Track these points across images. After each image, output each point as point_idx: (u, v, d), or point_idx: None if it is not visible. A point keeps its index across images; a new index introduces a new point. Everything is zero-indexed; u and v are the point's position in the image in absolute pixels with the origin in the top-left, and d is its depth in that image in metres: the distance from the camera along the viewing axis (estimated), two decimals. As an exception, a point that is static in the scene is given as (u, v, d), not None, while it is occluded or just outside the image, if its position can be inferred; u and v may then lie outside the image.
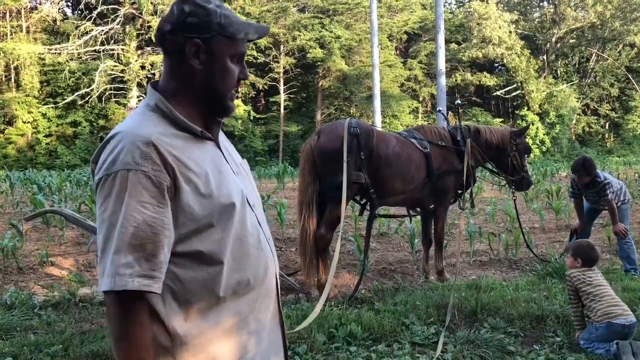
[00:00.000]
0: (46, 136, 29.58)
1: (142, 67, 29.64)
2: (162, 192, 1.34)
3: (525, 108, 36.20)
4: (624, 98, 38.95)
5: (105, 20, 29.60)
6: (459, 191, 5.93)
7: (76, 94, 28.94)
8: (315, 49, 31.82)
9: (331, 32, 32.44)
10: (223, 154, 1.57)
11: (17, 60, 28.56)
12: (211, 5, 1.47)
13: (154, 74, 29.48)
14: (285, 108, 33.90)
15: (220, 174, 1.47)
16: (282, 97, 33.25)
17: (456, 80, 36.21)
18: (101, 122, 30.17)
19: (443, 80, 17.05)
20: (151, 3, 28.82)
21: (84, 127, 29.77)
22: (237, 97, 32.10)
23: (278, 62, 32.95)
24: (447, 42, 30.98)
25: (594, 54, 38.19)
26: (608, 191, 5.97)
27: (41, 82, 29.96)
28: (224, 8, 1.50)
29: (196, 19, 1.46)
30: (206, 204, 1.40)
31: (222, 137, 1.67)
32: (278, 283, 1.65)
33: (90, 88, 28.53)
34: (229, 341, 1.45)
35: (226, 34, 1.48)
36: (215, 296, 1.42)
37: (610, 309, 3.95)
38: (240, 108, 31.78)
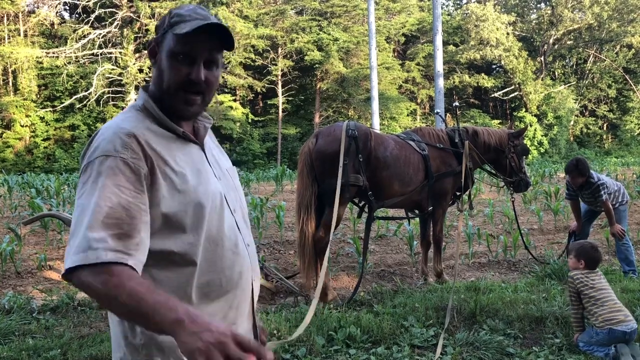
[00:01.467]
0: (44, 140, 29.57)
1: (140, 70, 29.64)
2: (139, 179, 1.35)
3: (523, 109, 36.28)
4: (621, 99, 39.09)
5: (102, 23, 29.63)
6: (458, 193, 5.93)
7: (74, 97, 28.95)
8: (313, 51, 31.85)
9: (329, 34, 32.49)
10: (207, 158, 1.58)
11: (15, 63, 28.55)
12: (176, 10, 1.52)
13: (151, 77, 29.46)
14: (283, 110, 33.91)
15: (199, 174, 1.48)
16: (280, 99, 33.26)
17: (454, 82, 36.27)
18: (99, 125, 29.90)
19: (441, 82, 17.07)
20: (149, 6, 28.86)
21: (82, 130, 29.76)
22: (236, 100, 32.14)
23: (276, 64, 32.97)
24: (445, 44, 31.04)
25: (592, 55, 38.31)
26: (602, 192, 5.96)
27: (39, 86, 29.98)
28: (187, 12, 1.50)
29: (158, 23, 1.55)
30: (181, 199, 1.41)
31: (211, 142, 1.69)
32: (254, 292, 1.62)
33: (88, 91, 28.54)
34: None
35: (172, 31, 1.47)
36: (187, 298, 1.42)
37: (612, 314, 3.91)
38: (239, 111, 31.81)
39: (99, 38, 29.23)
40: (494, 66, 39.89)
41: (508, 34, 35.18)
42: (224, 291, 1.49)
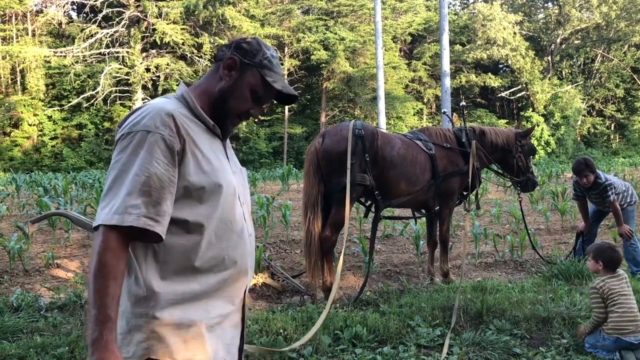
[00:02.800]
0: (52, 139, 29.72)
1: (147, 70, 29.71)
2: (172, 154, 1.56)
3: (530, 109, 36.12)
4: (629, 99, 38.86)
5: (110, 23, 29.72)
6: (464, 193, 5.92)
7: (81, 96, 29.06)
8: (319, 50, 31.85)
9: (335, 34, 32.47)
10: (227, 153, 1.80)
11: (23, 63, 28.69)
12: (268, 51, 1.79)
13: (158, 77, 29.57)
14: (289, 110, 33.93)
15: (220, 162, 1.69)
16: (287, 99, 33.22)
17: (461, 82, 36.17)
18: (106, 124, 30.27)
19: (447, 82, 17.03)
20: (156, 6, 28.92)
21: (90, 129, 29.90)
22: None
23: (282, 64, 32.98)
24: (452, 43, 30.94)
25: (599, 55, 38.11)
26: (610, 192, 5.95)
27: (47, 85, 30.12)
28: (275, 62, 1.80)
29: (249, 47, 1.78)
30: (203, 178, 1.61)
31: (228, 144, 1.89)
32: (248, 281, 1.78)
33: (96, 91, 28.64)
34: (198, 307, 1.61)
35: (261, 71, 1.75)
36: (191, 265, 1.60)
37: (623, 324, 3.85)
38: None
39: (106, 37, 29.32)
40: (500, 66, 39.76)
41: (515, 33, 35.04)
42: (225, 268, 1.66)
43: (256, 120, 1.92)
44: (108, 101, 29.25)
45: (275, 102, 1.89)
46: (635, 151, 35.67)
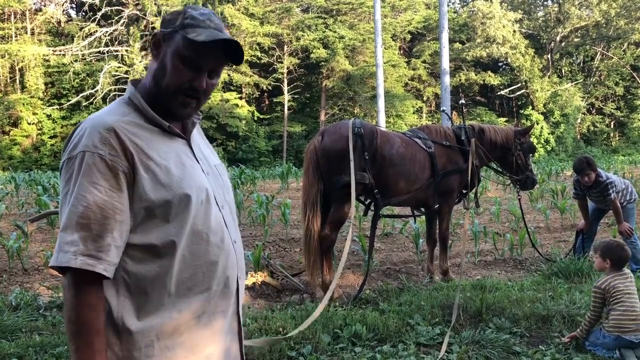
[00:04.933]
0: (51, 137, 29.70)
1: (147, 68, 29.49)
2: (116, 177, 1.35)
3: (530, 107, 36.12)
4: (629, 97, 38.85)
5: (109, 21, 29.71)
6: (464, 191, 5.91)
7: (81, 95, 29.05)
8: (319, 49, 31.83)
9: (335, 32, 32.44)
10: (194, 153, 1.57)
11: (22, 61, 28.70)
12: (193, 11, 1.51)
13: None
14: (289, 108, 33.91)
15: (183, 168, 1.48)
16: (286, 97, 33.27)
17: (460, 80, 36.16)
18: (106, 123, 30.18)
19: (447, 80, 17.02)
20: (155, 4, 28.91)
21: (85, 126, 29.81)
22: (242, 98, 32.16)
23: (282, 62, 32.98)
24: (451, 41, 30.94)
25: (599, 53, 38.09)
26: (611, 190, 5.96)
27: (46, 84, 30.11)
28: (204, 17, 1.50)
29: (170, 16, 1.53)
30: (164, 192, 1.40)
31: (199, 138, 1.70)
32: (240, 288, 1.62)
33: (95, 89, 28.64)
34: (184, 338, 1.44)
35: (183, 33, 1.47)
36: (167, 291, 1.42)
37: (625, 322, 3.83)
38: (244, 108, 31.83)
39: (105, 36, 29.32)
40: (500, 64, 39.74)
41: (515, 31, 35.02)
42: (206, 287, 1.48)
43: (207, 94, 1.54)
44: (107, 100, 29.20)
45: (231, 64, 1.61)
46: (635, 149, 35.68)
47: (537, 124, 33.59)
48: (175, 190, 1.42)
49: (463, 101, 6.31)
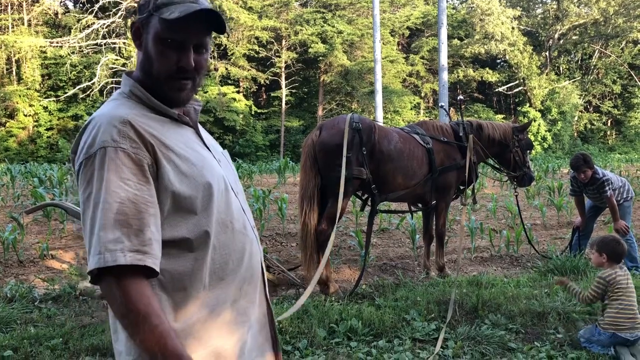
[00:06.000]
0: (47, 129, 29.59)
1: (144, 61, 29.54)
2: (142, 170, 1.30)
3: (527, 104, 36.13)
4: (626, 95, 38.88)
5: (106, 13, 29.57)
6: (461, 187, 5.91)
7: (77, 87, 28.92)
8: (317, 43, 31.74)
9: (333, 26, 32.35)
10: (204, 141, 1.54)
11: (19, 53, 28.54)
12: None
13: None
14: (286, 103, 33.86)
15: (200, 157, 1.44)
16: (284, 91, 33.20)
17: (458, 76, 36.12)
18: (103, 115, 30.10)
19: (445, 76, 16.98)
20: (153, -4, 28.73)
21: (86, 120, 29.60)
22: (239, 92, 32.09)
23: (280, 56, 32.88)
24: (450, 37, 30.92)
25: (597, 51, 38.09)
26: (607, 187, 5.97)
27: (42, 76, 29.98)
28: None
29: (143, 1, 1.45)
30: (188, 183, 1.36)
31: (201, 128, 1.65)
32: (264, 270, 1.62)
33: (92, 81, 28.51)
34: (222, 329, 1.43)
35: (158, 14, 1.40)
36: (202, 284, 1.39)
37: (621, 320, 3.83)
38: (242, 102, 31.75)
39: (102, 28, 29.17)
40: (498, 60, 39.71)
41: (513, 28, 34.98)
42: (236, 273, 1.47)
43: (201, 71, 1.46)
44: (104, 92, 29.11)
45: (216, 34, 1.52)
46: (632, 147, 35.76)
47: (535, 121, 33.61)
48: (199, 179, 1.38)
49: (461, 97, 6.28)
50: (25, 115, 28.98)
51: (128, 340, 1.35)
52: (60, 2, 32.22)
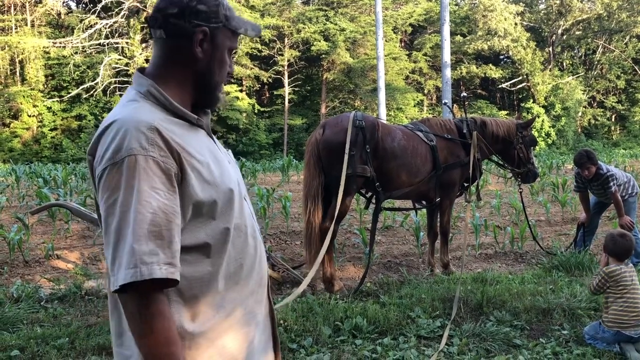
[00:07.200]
0: (51, 130, 29.70)
1: (147, 61, 29.56)
2: (170, 178, 1.28)
3: (531, 100, 36.03)
4: (630, 90, 38.74)
5: (109, 13, 29.60)
6: (465, 184, 5.90)
7: (81, 87, 28.99)
8: (319, 41, 31.73)
9: (336, 24, 32.32)
10: (215, 144, 1.54)
11: (22, 53, 28.63)
12: (225, 2, 1.48)
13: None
14: (289, 101, 33.86)
15: (218, 163, 1.44)
16: (287, 90, 33.20)
17: (461, 73, 36.06)
18: (106, 115, 29.92)
19: (448, 73, 16.95)
20: (155, -4, 28.76)
21: (89, 120, 29.83)
22: (242, 91, 32.12)
23: (282, 55, 32.88)
24: (453, 34, 30.82)
25: (600, 46, 37.94)
26: (611, 183, 5.94)
27: (46, 76, 30.07)
28: (226, 1, 1.51)
29: (206, 7, 1.43)
30: (210, 191, 1.36)
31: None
32: (267, 271, 1.66)
33: (95, 81, 28.57)
34: (235, 331, 1.44)
35: (230, 27, 1.47)
36: (217, 287, 1.39)
37: (625, 317, 3.82)
38: (245, 101, 31.77)
39: (105, 28, 29.22)
40: (501, 57, 39.59)
41: (516, 24, 34.88)
42: (249, 277, 1.49)
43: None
44: (108, 92, 29.19)
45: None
46: (636, 142, 35.63)
47: (538, 117, 33.50)
48: (220, 186, 1.38)
49: (464, 94, 6.28)
50: (29, 116, 29.09)
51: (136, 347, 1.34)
52: (63, 2, 32.33)
